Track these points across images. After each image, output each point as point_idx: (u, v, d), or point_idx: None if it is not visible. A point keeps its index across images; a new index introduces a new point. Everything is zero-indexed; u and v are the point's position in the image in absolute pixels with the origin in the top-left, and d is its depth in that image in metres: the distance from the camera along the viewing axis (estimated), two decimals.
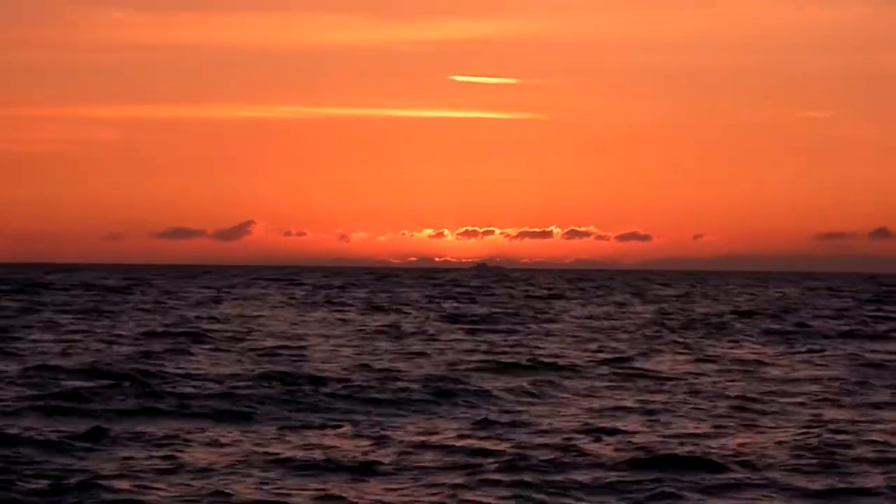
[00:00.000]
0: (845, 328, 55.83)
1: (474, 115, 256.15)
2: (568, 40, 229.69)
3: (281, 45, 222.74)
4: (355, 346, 45.37)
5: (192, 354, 39.32)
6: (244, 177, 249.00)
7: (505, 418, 25.65)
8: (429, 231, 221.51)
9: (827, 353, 42.57)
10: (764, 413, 26.16)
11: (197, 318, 61.56)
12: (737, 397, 29.00)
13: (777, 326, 60.39)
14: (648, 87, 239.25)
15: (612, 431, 23.44)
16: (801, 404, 27.92)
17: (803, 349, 45.43)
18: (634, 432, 23.20)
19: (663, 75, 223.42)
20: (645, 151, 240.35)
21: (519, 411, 28.43)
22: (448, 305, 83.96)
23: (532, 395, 30.97)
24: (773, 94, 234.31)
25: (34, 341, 44.52)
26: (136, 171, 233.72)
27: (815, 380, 34.57)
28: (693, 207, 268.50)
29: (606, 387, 32.83)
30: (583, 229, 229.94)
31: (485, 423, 24.36)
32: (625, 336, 52.99)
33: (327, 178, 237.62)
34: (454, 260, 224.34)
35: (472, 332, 54.92)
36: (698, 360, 40.53)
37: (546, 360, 38.39)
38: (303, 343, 46.51)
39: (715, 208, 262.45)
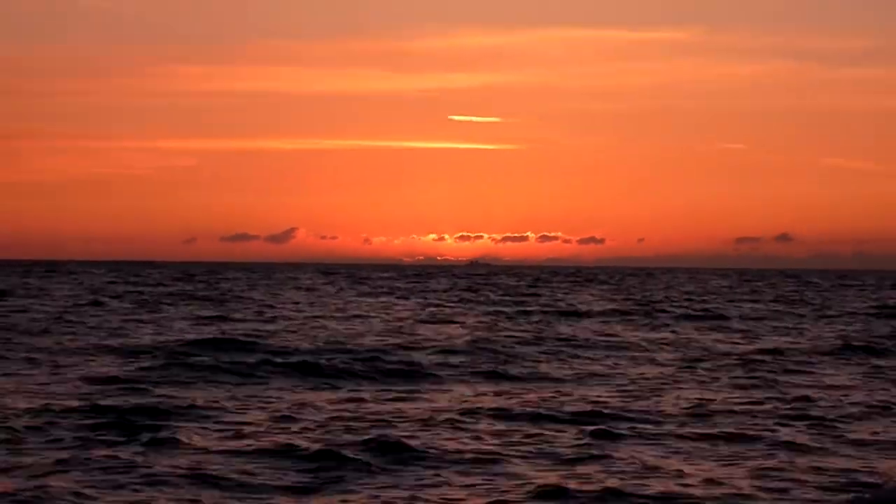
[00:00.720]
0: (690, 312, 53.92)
1: (467, 146, 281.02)
2: (539, 89, 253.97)
3: (318, 92, 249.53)
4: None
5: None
6: (290, 193, 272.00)
7: None
8: (433, 235, 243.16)
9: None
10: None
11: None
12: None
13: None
14: (602, 125, 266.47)
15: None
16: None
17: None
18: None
19: (613, 115, 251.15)
20: (599, 173, 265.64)
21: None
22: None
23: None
24: (700, 130, 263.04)
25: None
26: (207, 189, 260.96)
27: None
28: (637, 216, 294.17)
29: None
30: (552, 234, 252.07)
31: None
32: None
33: (354, 194, 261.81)
34: (452, 258, 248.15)
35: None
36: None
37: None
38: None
39: (654, 217, 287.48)
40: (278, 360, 26.64)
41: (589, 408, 20.14)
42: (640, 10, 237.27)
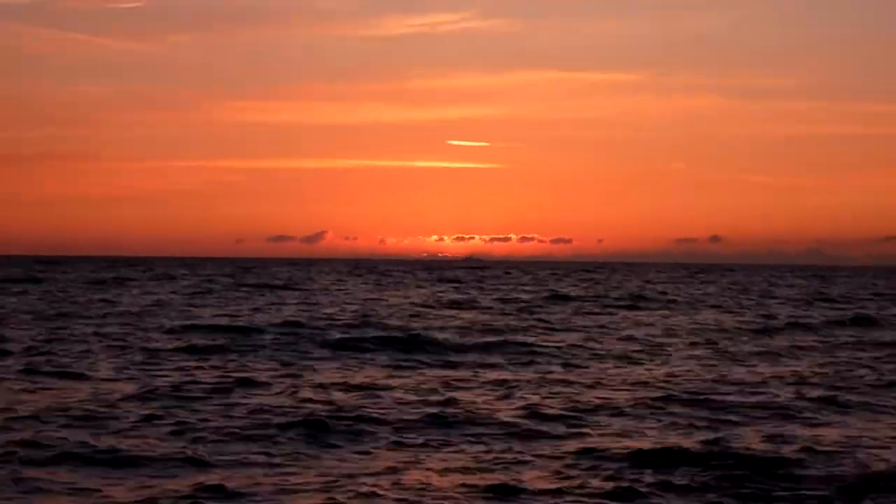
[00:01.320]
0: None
1: (462, 165, 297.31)
2: (520, 120, 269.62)
3: (341, 123, 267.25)
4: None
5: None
6: (319, 202, 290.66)
7: None
8: (434, 237, 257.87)
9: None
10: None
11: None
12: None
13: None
14: (570, 148, 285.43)
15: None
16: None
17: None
18: None
19: (580, 141, 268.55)
20: (568, 186, 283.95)
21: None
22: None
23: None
24: (649, 153, 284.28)
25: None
26: (252, 199, 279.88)
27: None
28: (598, 221, 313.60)
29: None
30: (530, 235, 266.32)
31: None
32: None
33: (371, 204, 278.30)
34: (450, 255, 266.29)
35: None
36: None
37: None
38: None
39: (611, 222, 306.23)
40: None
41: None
42: (601, 57, 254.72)
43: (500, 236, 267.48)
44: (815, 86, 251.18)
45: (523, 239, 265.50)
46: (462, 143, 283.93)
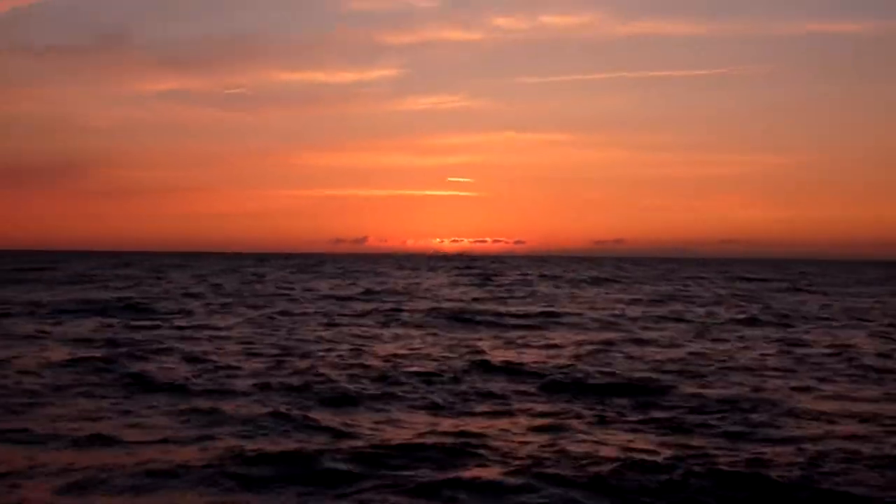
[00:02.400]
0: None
1: (456, 193, 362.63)
2: (494, 164, 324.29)
3: (376, 165, 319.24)
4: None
5: None
6: (363, 217, 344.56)
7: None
8: (437, 239, 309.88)
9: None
10: None
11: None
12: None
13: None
14: (525, 183, 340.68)
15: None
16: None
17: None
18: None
19: (533, 178, 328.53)
20: (523, 207, 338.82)
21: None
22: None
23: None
24: (575, 188, 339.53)
25: None
26: (324, 216, 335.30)
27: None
28: (542, 229, 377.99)
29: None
30: (500, 238, 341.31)
31: None
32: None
33: (396, 218, 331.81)
34: (448, 252, 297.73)
35: None
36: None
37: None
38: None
39: (550, 230, 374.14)
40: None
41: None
42: (544, 124, 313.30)
43: (480, 239, 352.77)
44: (680, 143, 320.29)
45: (495, 241, 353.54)
46: (456, 179, 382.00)
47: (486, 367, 19.08)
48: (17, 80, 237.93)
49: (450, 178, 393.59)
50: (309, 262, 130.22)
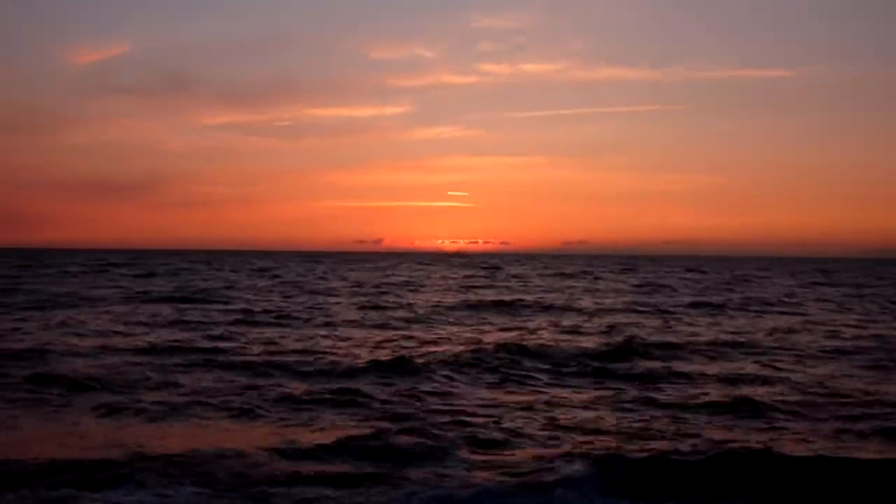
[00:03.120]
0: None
1: (454, 205, 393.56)
2: (486, 182, 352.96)
3: (393, 183, 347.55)
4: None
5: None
6: (380, 224, 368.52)
7: None
8: (439, 241, 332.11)
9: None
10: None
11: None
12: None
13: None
14: (509, 196, 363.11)
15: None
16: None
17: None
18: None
19: (514, 193, 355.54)
20: (507, 216, 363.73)
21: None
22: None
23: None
24: (545, 200, 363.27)
25: None
26: (346, 221, 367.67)
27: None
28: (522, 232, 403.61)
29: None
30: (488, 240, 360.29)
31: None
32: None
33: (407, 223, 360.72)
34: (447, 251, 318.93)
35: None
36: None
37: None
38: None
39: (529, 233, 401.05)
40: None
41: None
42: (523, 149, 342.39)
43: (473, 241, 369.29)
44: (631, 166, 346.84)
45: (486, 242, 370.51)
46: (454, 193, 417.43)
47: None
48: (109, 115, 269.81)
49: (449, 193, 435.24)
50: (361, 259, 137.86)
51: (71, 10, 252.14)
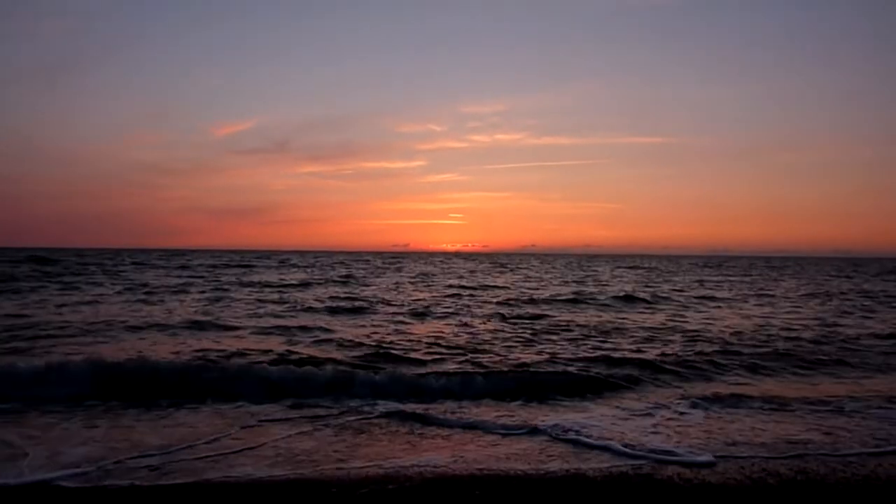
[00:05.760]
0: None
1: (454, 222, 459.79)
2: (475, 208, 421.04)
3: (410, 209, 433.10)
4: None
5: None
6: (406, 234, 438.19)
7: None
8: (445, 245, 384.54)
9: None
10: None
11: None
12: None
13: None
14: (488, 217, 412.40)
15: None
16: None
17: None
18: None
19: (493, 215, 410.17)
20: (488, 228, 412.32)
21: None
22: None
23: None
24: (514, 221, 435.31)
25: None
26: (382, 233, 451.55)
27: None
28: (499, 238, 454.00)
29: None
30: (475, 244, 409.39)
31: None
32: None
33: (423, 234, 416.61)
34: (449, 252, 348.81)
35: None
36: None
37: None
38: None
39: (501, 239, 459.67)
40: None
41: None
42: (501, 187, 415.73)
43: (465, 244, 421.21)
44: (565, 197, 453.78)
45: (473, 246, 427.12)
46: (454, 215, 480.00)
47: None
48: (237, 167, 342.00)
49: (451, 214, 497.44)
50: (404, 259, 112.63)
51: (216, 99, 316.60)
